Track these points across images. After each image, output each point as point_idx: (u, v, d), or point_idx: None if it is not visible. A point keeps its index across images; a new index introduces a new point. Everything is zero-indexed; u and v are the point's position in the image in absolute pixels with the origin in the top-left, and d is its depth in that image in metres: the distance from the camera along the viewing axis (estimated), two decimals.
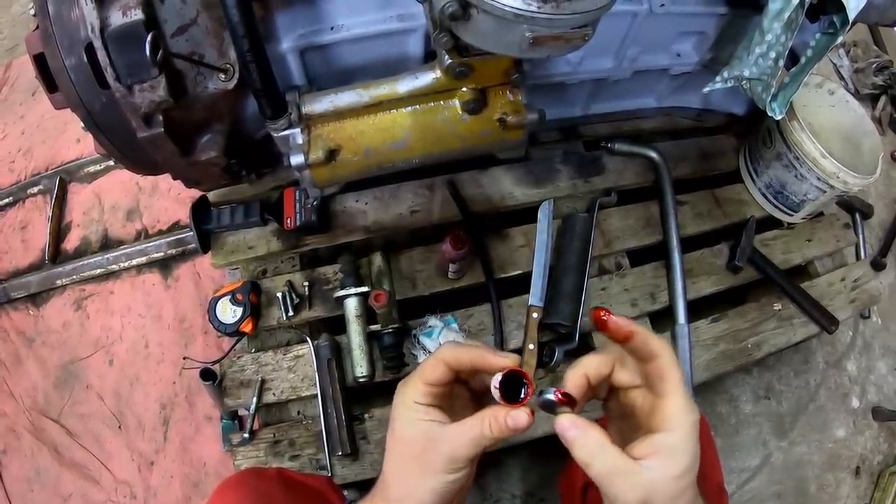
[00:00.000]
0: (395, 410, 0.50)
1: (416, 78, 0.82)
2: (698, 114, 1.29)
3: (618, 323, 0.46)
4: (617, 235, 1.14)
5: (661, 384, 0.45)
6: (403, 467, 0.48)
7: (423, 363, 0.50)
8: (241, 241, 1.11)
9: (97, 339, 1.34)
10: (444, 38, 0.73)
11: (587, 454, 0.43)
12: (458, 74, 0.78)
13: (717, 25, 1.04)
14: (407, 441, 0.48)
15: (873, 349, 1.54)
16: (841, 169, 1.15)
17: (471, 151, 0.89)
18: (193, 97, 0.83)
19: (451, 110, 0.84)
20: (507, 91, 0.84)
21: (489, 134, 0.85)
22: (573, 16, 0.61)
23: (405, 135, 0.84)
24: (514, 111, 0.83)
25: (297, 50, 0.85)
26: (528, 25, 0.61)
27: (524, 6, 0.59)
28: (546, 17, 0.60)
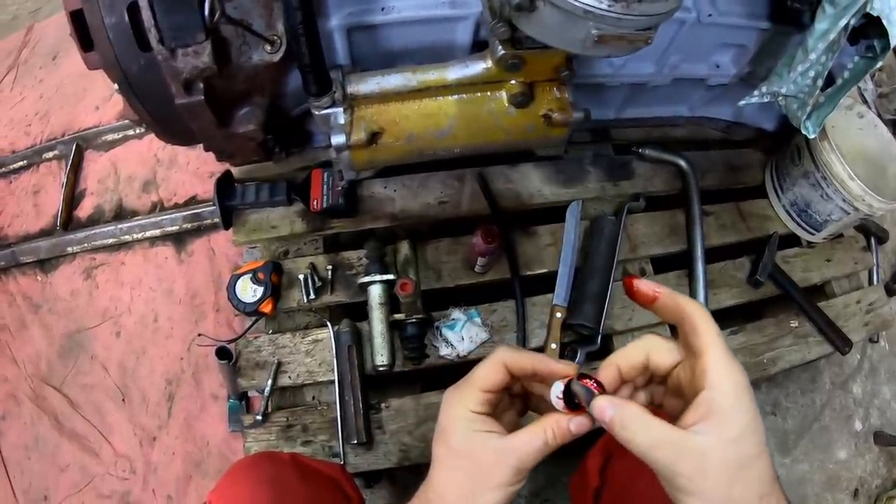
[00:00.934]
0: (448, 421, 0.48)
1: (467, 66, 0.81)
2: (728, 126, 1.29)
3: (644, 286, 0.46)
4: (643, 241, 1.13)
5: (696, 340, 0.42)
6: (464, 482, 0.46)
7: (476, 369, 0.49)
8: (264, 220, 1.09)
9: (105, 309, 1.32)
10: (502, 27, 0.72)
11: (629, 431, 0.41)
12: (509, 66, 0.77)
13: (758, 40, 1.04)
14: (467, 454, 0.46)
15: (879, 374, 1.55)
16: (867, 192, 1.15)
17: (512, 145, 0.88)
18: (237, 67, 0.82)
19: (497, 102, 0.83)
20: (555, 88, 0.83)
21: (533, 129, 0.84)
22: (641, 17, 0.61)
23: (450, 123, 0.83)
24: (560, 108, 0.83)
25: (345, 28, 0.84)
26: (594, 23, 0.61)
27: (595, 3, 0.59)
28: (615, 16, 0.60)
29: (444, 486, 0.47)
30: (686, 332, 0.44)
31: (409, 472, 1.12)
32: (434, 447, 0.49)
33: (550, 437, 0.45)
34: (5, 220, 1.46)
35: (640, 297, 0.47)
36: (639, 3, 0.60)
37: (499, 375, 0.48)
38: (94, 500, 1.23)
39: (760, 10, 1.00)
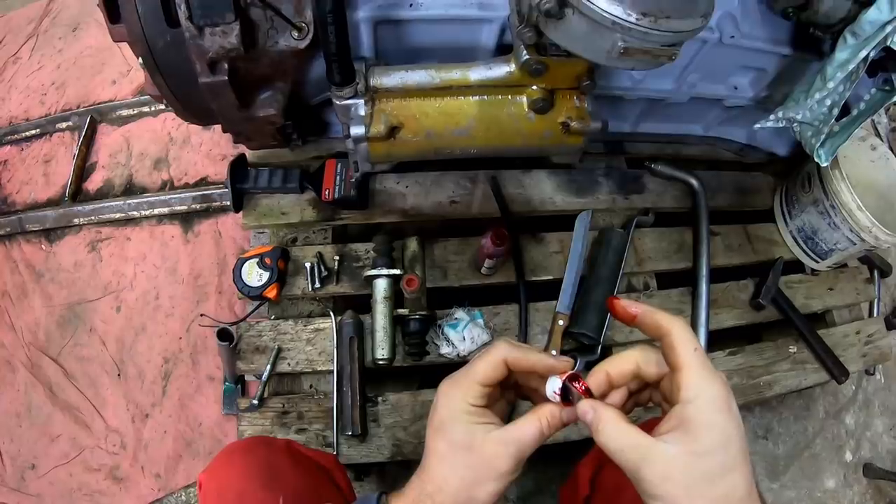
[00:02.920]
0: (448, 413, 0.48)
1: (490, 68, 0.81)
2: (741, 148, 1.29)
3: (623, 304, 0.47)
4: (649, 256, 1.14)
5: (674, 356, 0.43)
6: (465, 473, 0.47)
7: (476, 363, 0.49)
8: (274, 206, 1.10)
9: (107, 283, 1.32)
10: (529, 32, 0.73)
11: (603, 434, 0.43)
12: (533, 71, 0.78)
13: (778, 65, 1.05)
14: (468, 446, 0.47)
15: (873, 406, 1.55)
16: (874, 224, 1.16)
17: (529, 150, 0.89)
18: (262, 50, 0.82)
19: (517, 106, 0.83)
20: (575, 96, 0.84)
21: (550, 136, 0.85)
22: (667, 33, 0.62)
23: (469, 123, 0.83)
24: (579, 117, 0.83)
25: (372, 20, 0.84)
26: (621, 35, 0.62)
27: (624, 15, 0.59)
28: (642, 30, 0.60)
29: (445, 478, 0.47)
30: (665, 348, 0.45)
31: (399, 466, 1.12)
32: (431, 440, 0.49)
33: (545, 426, 0.47)
34: (14, 186, 1.46)
35: (620, 315, 0.48)
36: (667, 19, 0.60)
37: (498, 371, 0.49)
38: (82, 473, 1.23)
39: (783, 35, 1.00)
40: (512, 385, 0.54)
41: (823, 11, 0.89)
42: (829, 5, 0.88)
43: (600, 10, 0.60)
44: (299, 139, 0.97)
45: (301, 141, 1.01)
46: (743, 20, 0.96)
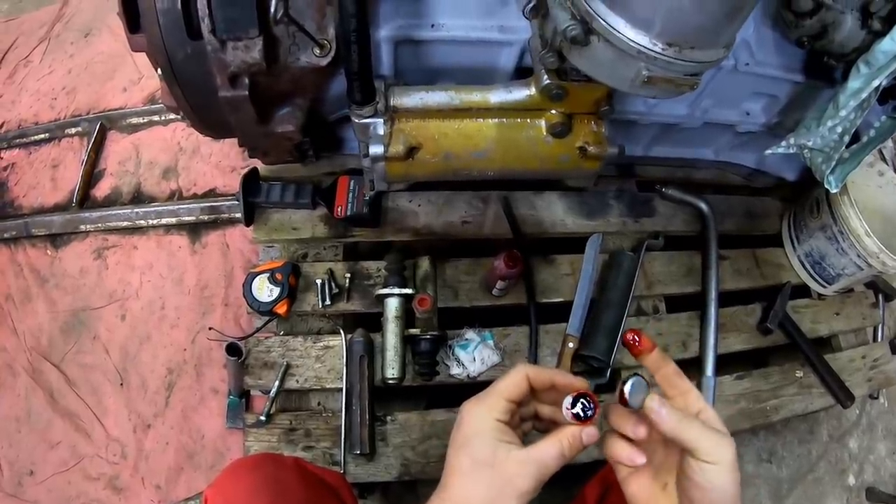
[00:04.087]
0: (473, 430, 0.50)
1: (510, 92, 0.82)
2: (750, 173, 1.30)
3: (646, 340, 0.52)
4: (659, 279, 1.14)
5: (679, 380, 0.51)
6: (487, 491, 0.48)
7: (500, 381, 0.52)
8: (286, 220, 1.09)
9: (113, 291, 1.31)
10: (551, 57, 0.73)
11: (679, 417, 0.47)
12: (553, 96, 0.78)
13: (790, 92, 1.05)
14: (490, 464, 0.48)
15: (877, 430, 1.56)
16: (882, 250, 1.16)
17: (545, 173, 0.89)
18: (283, 66, 0.82)
19: (536, 130, 0.83)
20: (592, 121, 0.84)
21: (567, 160, 0.85)
22: (690, 63, 0.62)
23: (487, 145, 0.84)
24: (596, 142, 0.83)
25: (393, 40, 0.85)
26: (646, 64, 0.62)
27: (650, 45, 0.60)
28: (666, 60, 0.61)
29: (466, 495, 0.48)
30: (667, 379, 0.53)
31: (404, 485, 1.12)
32: (454, 458, 0.50)
33: (566, 447, 0.49)
34: (21, 190, 1.45)
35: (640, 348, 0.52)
36: (691, 49, 0.61)
37: (522, 385, 0.51)
38: (81, 481, 1.21)
39: (795, 63, 1.01)
40: (531, 416, 0.56)
41: (838, 41, 0.90)
42: (844, 35, 0.89)
43: (626, 38, 0.60)
44: (314, 155, 0.97)
45: (315, 157, 1.01)
46: (758, 48, 0.97)
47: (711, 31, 0.60)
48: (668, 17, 0.58)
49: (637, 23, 0.60)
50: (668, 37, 0.60)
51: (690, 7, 0.56)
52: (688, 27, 0.59)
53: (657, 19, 0.58)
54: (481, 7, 0.84)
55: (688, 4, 0.56)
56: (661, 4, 0.57)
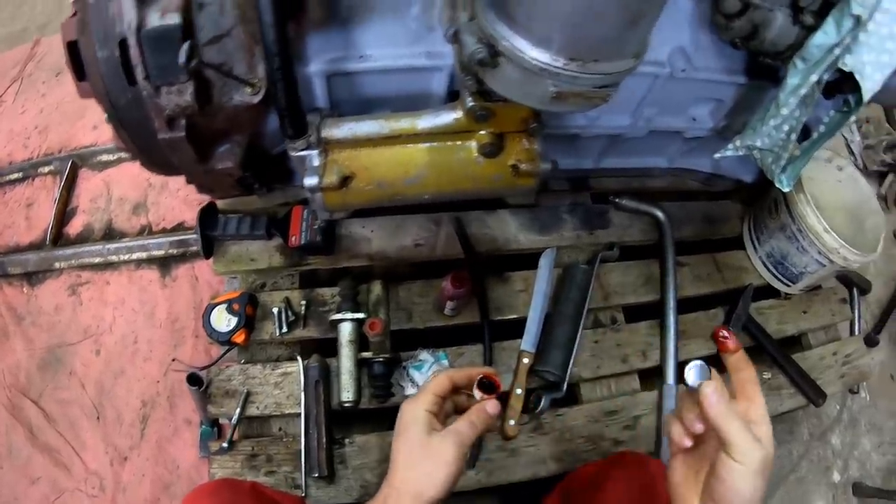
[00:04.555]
0: (408, 419, 0.61)
1: (437, 116, 0.83)
2: (707, 178, 1.30)
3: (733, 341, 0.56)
4: (615, 290, 1.14)
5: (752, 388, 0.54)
6: (421, 464, 0.58)
7: (430, 381, 0.64)
8: (243, 252, 1.11)
9: (87, 327, 1.34)
10: (470, 81, 0.74)
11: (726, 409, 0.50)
12: (478, 118, 0.79)
13: (735, 94, 1.05)
14: (422, 443, 0.59)
15: (859, 425, 1.54)
16: (843, 245, 1.16)
17: (482, 194, 0.90)
18: (218, 106, 0.84)
19: (467, 151, 0.85)
20: (524, 139, 0.85)
21: (501, 179, 0.86)
22: (597, 76, 0.62)
23: (419, 171, 0.85)
24: (529, 159, 0.84)
25: (325, 74, 0.86)
26: (552, 80, 0.63)
27: (551, 62, 0.61)
28: (571, 75, 0.61)
29: (406, 471, 0.59)
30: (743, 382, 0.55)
31: None
32: (395, 446, 0.61)
33: (475, 418, 0.61)
34: None
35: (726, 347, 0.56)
36: (595, 62, 0.61)
37: (445, 383, 0.63)
38: None
39: (737, 65, 1.01)
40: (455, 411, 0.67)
41: (770, 39, 0.89)
42: (776, 33, 0.88)
43: (529, 57, 0.61)
44: (262, 188, 0.99)
45: (266, 189, 1.03)
46: (696, 53, 0.96)
47: (613, 42, 0.60)
48: (566, 33, 0.58)
49: (537, 41, 0.60)
50: (569, 52, 0.60)
51: (586, 21, 0.57)
52: (587, 41, 0.59)
53: (556, 36, 0.59)
54: (408, 35, 0.85)
55: (583, 18, 0.57)
56: (557, 21, 0.57)
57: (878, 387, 1.58)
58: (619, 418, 1.06)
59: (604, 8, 0.56)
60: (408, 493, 0.57)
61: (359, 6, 0.84)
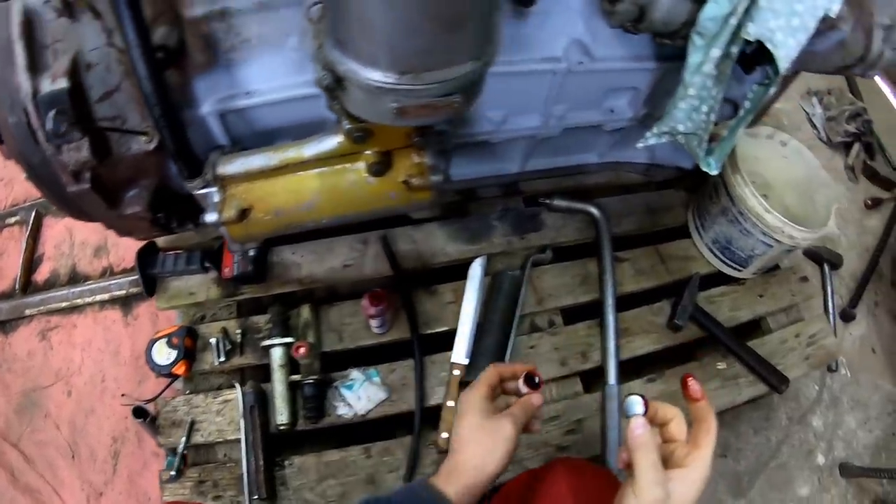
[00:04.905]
0: (466, 407, 0.70)
1: (321, 142, 0.84)
2: (646, 168, 1.28)
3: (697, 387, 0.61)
4: (550, 293, 1.13)
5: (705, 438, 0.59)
6: (482, 441, 0.67)
7: (483, 374, 0.73)
8: (183, 287, 1.15)
9: (59, 369, 1.40)
10: (337, 105, 0.76)
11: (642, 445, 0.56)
12: (356, 139, 0.80)
13: (650, 80, 1.03)
14: (480, 425, 0.67)
15: (841, 403, 1.49)
16: (786, 223, 1.13)
17: (381, 212, 0.91)
18: (118, 157, 0.87)
19: (356, 173, 0.86)
20: (413, 153, 0.86)
21: (396, 196, 0.87)
22: (434, 85, 0.61)
23: (313, 197, 0.86)
24: (419, 173, 0.85)
25: (217, 113, 0.88)
26: (391, 97, 0.63)
27: (383, 79, 0.61)
28: (406, 89, 0.61)
29: (468, 449, 0.67)
30: (698, 429, 0.60)
31: None
32: (456, 430, 0.69)
33: (525, 406, 0.70)
34: None
35: (691, 394, 0.61)
36: (429, 72, 0.61)
37: (495, 376, 0.73)
38: None
39: (644, 50, 0.98)
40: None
41: (660, 19, 0.85)
42: (664, 12, 0.84)
43: (363, 78, 0.61)
44: (181, 225, 1.02)
45: (190, 225, 1.06)
46: (595, 44, 0.94)
47: (438, 51, 0.60)
48: (387, 50, 0.58)
49: (366, 61, 0.60)
50: (397, 67, 0.60)
51: (403, 35, 0.57)
52: (410, 54, 0.59)
53: (380, 54, 0.59)
54: (290, 66, 0.87)
55: (399, 33, 0.56)
56: (376, 39, 0.57)
57: (858, 362, 1.53)
58: (562, 423, 1.04)
59: (415, 21, 0.55)
60: (473, 468, 0.65)
61: (238, 45, 0.86)
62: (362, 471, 0.99)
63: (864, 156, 1.67)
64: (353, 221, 0.93)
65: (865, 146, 1.68)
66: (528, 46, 0.91)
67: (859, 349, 1.54)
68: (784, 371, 1.19)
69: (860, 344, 1.55)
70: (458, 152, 1.09)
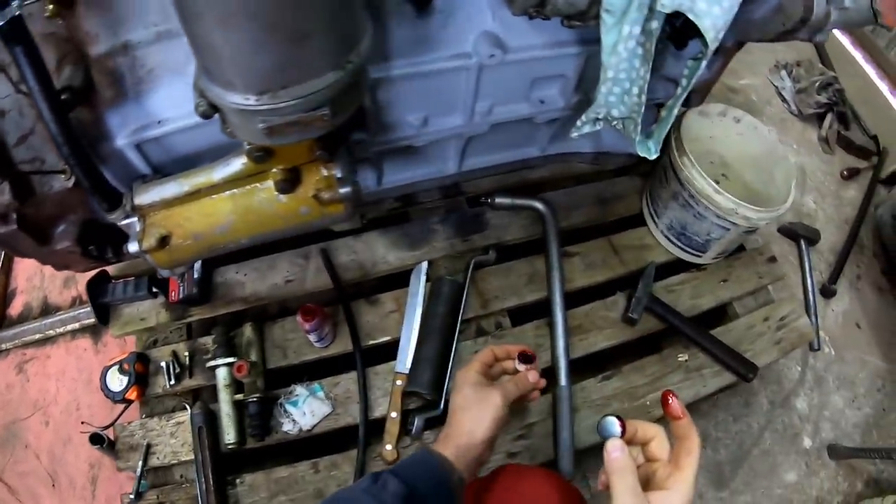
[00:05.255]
0: (462, 381, 0.77)
1: (228, 165, 0.84)
2: (594, 157, 1.25)
3: (677, 405, 0.60)
4: (496, 295, 1.11)
5: (686, 458, 0.57)
6: (474, 412, 0.73)
7: (478, 354, 0.81)
8: (135, 313, 1.16)
9: (35, 400, 1.43)
10: (227, 128, 0.75)
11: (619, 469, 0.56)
12: (257, 159, 0.80)
13: (576, 66, 1.00)
14: (475, 396, 0.75)
15: (826, 383, 1.43)
16: (739, 204, 1.09)
17: (299, 228, 0.90)
18: (41, 196, 0.89)
19: (267, 191, 0.85)
20: (322, 167, 0.85)
21: (308, 211, 0.86)
22: (295, 101, 0.61)
23: (227, 219, 0.86)
24: (328, 187, 0.84)
25: (132, 144, 0.89)
26: (258, 117, 0.63)
27: (244, 101, 0.61)
28: (268, 108, 0.61)
29: (463, 417, 0.73)
30: (680, 449, 0.59)
31: None
32: (452, 402, 0.76)
33: (518, 381, 0.78)
34: None
35: (671, 412, 0.60)
36: (285, 89, 0.60)
37: (490, 355, 0.81)
38: None
39: (564, 35, 0.94)
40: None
41: (563, 1, 0.81)
42: None
43: (228, 103, 0.61)
44: (114, 256, 1.03)
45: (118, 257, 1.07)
46: (508, 35, 0.91)
47: (291, 66, 0.59)
48: (239, 73, 0.58)
49: (226, 85, 0.60)
50: (253, 88, 0.59)
51: (248, 57, 0.56)
52: (261, 73, 0.58)
53: (232, 76, 0.59)
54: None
55: (244, 56, 0.56)
56: (223, 61, 0.57)
57: (842, 338, 1.47)
58: (510, 429, 1.02)
59: (256, 40, 0.55)
60: (465, 433, 0.71)
61: (145, 76, 0.86)
62: (311, 486, 0.99)
63: (838, 126, 1.60)
64: (274, 239, 0.93)
65: (839, 116, 1.61)
66: (435, 45, 0.89)
67: (843, 325, 1.48)
68: (753, 358, 1.15)
69: (843, 320, 1.49)
70: (389, 159, 1.08)
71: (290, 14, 0.54)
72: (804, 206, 1.59)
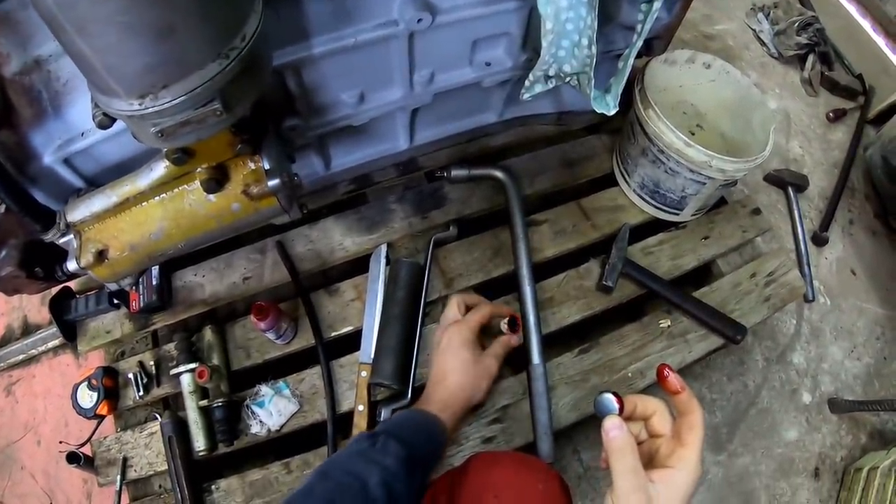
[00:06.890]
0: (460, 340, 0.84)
1: (152, 170, 0.81)
2: (557, 117, 1.19)
3: (674, 379, 0.57)
4: (460, 273, 1.07)
5: (689, 434, 0.55)
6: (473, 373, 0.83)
7: (476, 313, 0.90)
8: (100, 326, 1.14)
9: (26, 421, 1.43)
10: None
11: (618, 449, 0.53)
12: (175, 161, 0.75)
13: (519, 21, 0.93)
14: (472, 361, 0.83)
15: (823, 334, 1.37)
16: (713, 156, 1.03)
17: (236, 228, 0.86)
18: None
19: (196, 193, 0.81)
20: (248, 161, 0.81)
21: (240, 208, 0.82)
22: (179, 100, 0.57)
23: (160, 225, 0.83)
24: (256, 180, 0.80)
25: (60, 160, 0.86)
26: (148, 121, 0.60)
27: (127, 107, 0.58)
28: (154, 111, 0.58)
29: (460, 380, 0.80)
30: (683, 426, 0.56)
31: None
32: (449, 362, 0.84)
33: (505, 343, 0.90)
34: None
35: (668, 386, 0.57)
36: (166, 88, 0.57)
37: (488, 315, 0.91)
38: None
39: None
40: None
41: None
42: None
43: (116, 111, 0.59)
44: (64, 275, 1.01)
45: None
46: None
47: (162, 64, 0.55)
48: (113, 77, 0.55)
49: (109, 93, 0.58)
50: (133, 92, 0.56)
51: (114, 59, 0.53)
52: (136, 76, 0.55)
53: (112, 84, 0.56)
54: None
55: (109, 59, 0.53)
56: (95, 69, 0.54)
57: (838, 286, 1.40)
58: (484, 413, 0.98)
59: (118, 43, 0.51)
60: (461, 398, 0.77)
61: (61, 90, 0.82)
62: (285, 486, 0.97)
63: (821, 67, 1.51)
64: (214, 241, 0.90)
65: (821, 56, 1.51)
66: (357, 16, 0.83)
67: (837, 273, 1.41)
68: (741, 318, 1.10)
69: (838, 267, 1.42)
70: (334, 141, 1.04)
71: (146, 10, 0.50)
72: (790, 152, 1.51)
